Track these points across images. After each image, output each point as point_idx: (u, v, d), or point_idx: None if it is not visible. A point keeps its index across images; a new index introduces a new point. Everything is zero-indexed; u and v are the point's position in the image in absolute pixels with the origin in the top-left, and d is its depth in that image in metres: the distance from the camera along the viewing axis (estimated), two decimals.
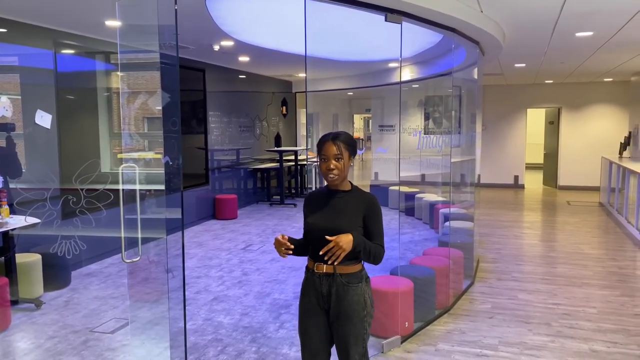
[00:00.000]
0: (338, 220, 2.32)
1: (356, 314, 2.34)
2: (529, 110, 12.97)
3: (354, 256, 2.32)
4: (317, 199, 2.45)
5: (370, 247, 2.30)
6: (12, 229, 4.39)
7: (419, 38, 5.77)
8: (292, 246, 2.33)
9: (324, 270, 2.36)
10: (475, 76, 6.41)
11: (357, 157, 2.51)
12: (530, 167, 14.56)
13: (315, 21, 3.41)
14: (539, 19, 4.97)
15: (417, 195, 8.60)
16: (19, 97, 5.32)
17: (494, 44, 5.47)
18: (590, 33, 5.68)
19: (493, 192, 12.28)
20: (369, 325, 2.40)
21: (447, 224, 6.03)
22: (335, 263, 2.26)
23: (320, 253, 2.25)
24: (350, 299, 2.34)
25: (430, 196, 8.38)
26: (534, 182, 13.67)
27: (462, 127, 6.40)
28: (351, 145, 2.36)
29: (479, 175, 7.63)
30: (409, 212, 8.64)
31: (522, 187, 12.95)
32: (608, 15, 4.79)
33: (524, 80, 11.76)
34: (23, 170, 5.09)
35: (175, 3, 2.62)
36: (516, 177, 12.99)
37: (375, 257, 2.34)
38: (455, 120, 6.35)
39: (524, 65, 8.73)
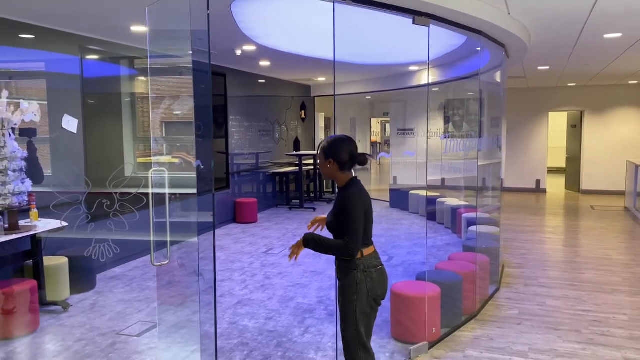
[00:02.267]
0: (328, 218, 2.65)
1: (345, 296, 2.57)
2: (550, 113, 12.80)
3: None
4: None
5: (322, 243, 2.53)
6: (41, 232, 4.45)
7: (441, 41, 5.73)
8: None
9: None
10: (499, 79, 6.34)
11: (374, 161, 2.74)
12: (552, 171, 14.35)
13: (337, 24, 3.40)
14: (568, 20, 4.89)
15: (439, 200, 8.51)
16: (46, 103, 5.40)
17: (520, 46, 5.40)
18: (618, 34, 5.58)
19: (515, 196, 12.12)
20: (362, 311, 2.55)
21: (472, 228, 5.95)
22: (290, 260, 2.67)
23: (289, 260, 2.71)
24: (343, 282, 2.60)
25: (452, 200, 8.29)
26: (556, 187, 13.47)
27: (484, 131, 6.33)
28: (324, 148, 2.62)
29: (502, 180, 7.53)
30: (430, 216, 8.56)
31: (544, 191, 12.77)
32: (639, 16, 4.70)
33: (546, 83, 11.62)
34: (45, 176, 5.13)
35: (208, 8, 2.62)
36: (538, 181, 12.82)
37: (331, 251, 2.57)
38: (478, 124, 6.28)
39: (547, 67, 8.62)
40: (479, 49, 4.69)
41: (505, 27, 4.45)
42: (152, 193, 3.19)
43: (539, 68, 8.69)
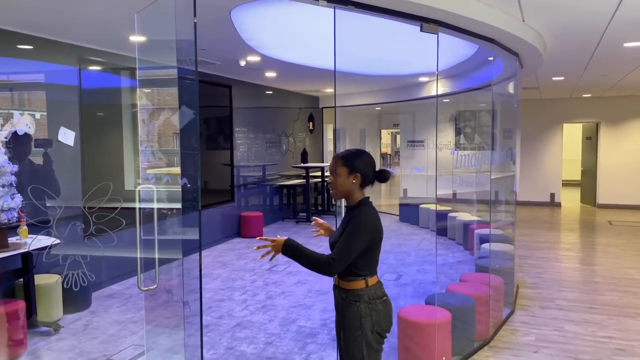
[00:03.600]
0: (334, 238, 2.40)
1: (349, 332, 2.33)
2: (565, 125, 12.47)
3: (349, 271, 2.32)
4: None
5: (302, 254, 2.28)
6: (32, 250, 4.25)
7: (452, 51, 5.50)
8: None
9: (335, 282, 2.44)
10: (512, 90, 6.08)
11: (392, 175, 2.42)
12: (567, 184, 13.98)
13: (343, 34, 3.19)
14: (586, 28, 4.63)
15: (450, 214, 8.22)
16: (45, 114, 5.25)
17: (535, 55, 5.15)
18: (639, 43, 5.31)
19: (528, 210, 11.77)
20: (368, 346, 2.31)
21: (484, 246, 5.67)
22: (260, 257, 2.39)
23: (254, 249, 2.41)
24: (346, 315, 2.35)
25: (464, 215, 8.00)
26: (571, 200, 13.09)
27: (497, 143, 6.07)
28: (347, 160, 2.36)
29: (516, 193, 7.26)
30: (441, 231, 8.27)
31: (559, 205, 12.40)
32: None
33: (560, 94, 11.31)
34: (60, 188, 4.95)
35: (195, 16, 2.42)
36: (552, 195, 12.46)
37: (311, 267, 2.28)
38: (491, 136, 6.03)
39: (562, 78, 8.33)
40: (491, 58, 4.45)
41: (519, 35, 4.20)
42: (139, 210, 2.98)
43: (554, 79, 8.40)
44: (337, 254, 2.25)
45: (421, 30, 3.38)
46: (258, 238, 2.41)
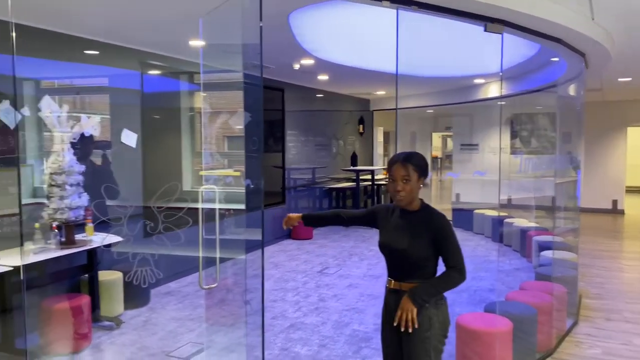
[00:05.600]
0: (405, 243, 2.32)
1: (417, 334, 2.29)
2: (629, 128, 11.86)
3: (419, 275, 2.32)
4: (389, 213, 2.49)
5: (434, 287, 2.29)
6: (96, 247, 4.43)
7: (511, 51, 5.33)
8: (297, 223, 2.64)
9: (392, 286, 2.41)
10: (573, 92, 5.84)
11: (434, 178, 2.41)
12: (631, 190, 13.28)
13: (403, 35, 3.14)
14: None
15: (506, 220, 7.97)
16: (108, 117, 5.46)
17: (602, 55, 4.92)
18: None
19: (589, 217, 11.25)
20: (434, 348, 2.32)
21: (545, 253, 5.47)
22: (416, 326, 2.26)
23: (394, 324, 2.30)
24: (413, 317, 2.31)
25: (521, 221, 7.73)
26: (635, 207, 12.43)
27: (558, 147, 5.84)
28: (421, 167, 2.35)
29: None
30: (496, 237, 8.03)
31: (622, 212, 11.79)
32: None
33: (624, 95, 10.76)
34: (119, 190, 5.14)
35: (260, 20, 2.44)
36: (615, 202, 11.86)
37: (448, 287, 2.31)
38: (551, 140, 5.80)
39: (629, 79, 7.92)
40: (556, 58, 4.27)
41: (587, 34, 4.02)
42: (202, 210, 3.04)
43: (620, 80, 8.00)
44: (457, 261, 2.30)
45: (485, 30, 3.29)
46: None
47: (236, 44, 2.75)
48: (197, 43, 5.18)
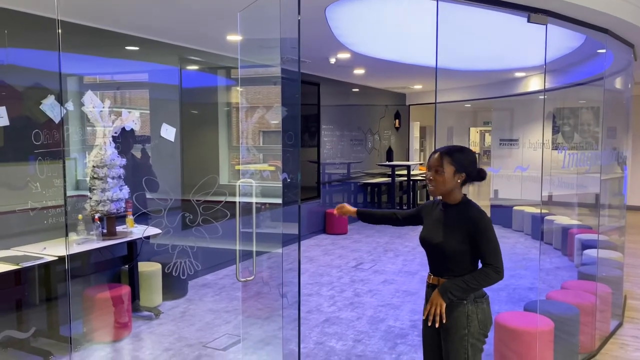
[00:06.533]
0: (440, 237, 2.31)
1: (455, 331, 2.27)
2: None
3: (456, 270, 2.28)
4: (433, 207, 2.48)
5: (466, 283, 2.22)
6: (137, 239, 4.54)
7: (554, 44, 5.16)
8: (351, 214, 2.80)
9: (431, 281, 2.39)
10: (619, 85, 5.59)
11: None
12: None
13: (442, 28, 3.08)
14: None
15: (547, 218, 7.75)
16: (148, 112, 5.58)
17: None
18: None
19: (634, 215, 10.82)
20: (473, 346, 2.27)
21: (588, 252, 5.29)
22: (444, 321, 2.25)
23: (423, 318, 2.33)
24: (450, 314, 2.27)
25: (563, 219, 7.50)
26: None
27: (603, 143, 5.62)
28: (459, 162, 2.30)
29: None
30: (536, 235, 7.82)
31: None
32: None
33: None
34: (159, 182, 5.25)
35: (299, 13, 2.43)
36: None
37: (482, 285, 2.25)
38: (595, 135, 5.59)
39: None
40: (603, 50, 4.10)
41: (637, 24, 3.84)
42: (239, 204, 3.07)
43: None
44: (494, 258, 2.23)
45: (528, 21, 3.18)
46: None
47: (274, 38, 2.75)
48: (234, 38, 5.22)
